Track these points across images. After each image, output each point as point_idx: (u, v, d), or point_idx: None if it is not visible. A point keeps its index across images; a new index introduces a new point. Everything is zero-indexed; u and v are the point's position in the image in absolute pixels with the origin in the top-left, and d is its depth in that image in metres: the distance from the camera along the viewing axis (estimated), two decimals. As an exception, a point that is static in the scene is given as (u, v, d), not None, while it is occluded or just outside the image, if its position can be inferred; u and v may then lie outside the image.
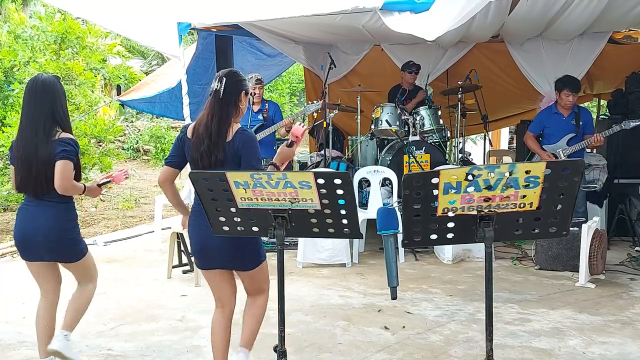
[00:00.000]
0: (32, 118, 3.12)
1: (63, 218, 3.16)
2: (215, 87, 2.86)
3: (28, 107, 3.15)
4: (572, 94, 5.60)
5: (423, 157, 6.29)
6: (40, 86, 3.13)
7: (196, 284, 4.96)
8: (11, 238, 6.96)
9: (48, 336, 3.22)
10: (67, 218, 3.18)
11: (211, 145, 2.80)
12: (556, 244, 5.21)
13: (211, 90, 2.88)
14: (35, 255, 3.17)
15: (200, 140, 2.82)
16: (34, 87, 3.14)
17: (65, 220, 3.17)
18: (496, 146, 12.22)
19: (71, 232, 3.19)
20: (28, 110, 3.15)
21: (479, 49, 7.51)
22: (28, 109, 3.15)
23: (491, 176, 2.03)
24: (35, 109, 3.13)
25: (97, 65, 8.21)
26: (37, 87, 3.13)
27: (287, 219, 2.28)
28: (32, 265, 3.21)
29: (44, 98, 3.13)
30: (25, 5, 14.17)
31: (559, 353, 3.56)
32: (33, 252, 3.17)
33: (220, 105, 2.85)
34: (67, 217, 3.19)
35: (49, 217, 3.12)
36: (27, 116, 3.15)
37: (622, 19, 6.14)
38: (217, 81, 2.88)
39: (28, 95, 3.14)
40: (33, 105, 3.13)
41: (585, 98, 8.86)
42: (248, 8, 5.85)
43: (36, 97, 3.13)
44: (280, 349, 2.34)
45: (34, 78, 3.21)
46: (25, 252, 3.20)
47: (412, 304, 4.46)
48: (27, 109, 3.15)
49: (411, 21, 5.20)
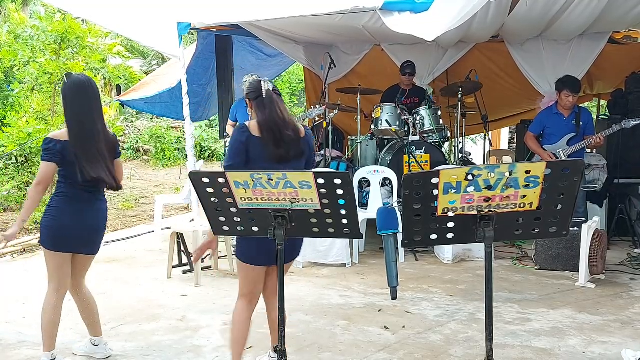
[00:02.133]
0: (92, 115, 3.23)
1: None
2: (267, 87, 2.98)
3: (84, 104, 3.22)
4: (572, 94, 5.60)
5: (423, 157, 6.29)
6: (90, 84, 3.26)
7: (196, 284, 4.96)
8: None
9: (56, 330, 3.33)
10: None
11: (295, 138, 2.94)
12: (556, 244, 5.21)
13: (263, 90, 2.97)
14: (83, 248, 3.33)
15: (280, 135, 2.90)
16: (84, 85, 3.23)
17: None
18: (496, 146, 12.22)
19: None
20: (86, 108, 3.22)
21: (479, 49, 7.51)
22: (84, 106, 3.22)
23: (491, 176, 2.03)
24: (94, 106, 3.25)
25: (97, 65, 8.21)
26: (89, 85, 3.25)
27: (287, 219, 2.28)
28: (66, 256, 3.28)
29: (96, 96, 3.28)
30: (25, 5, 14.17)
31: (559, 353, 3.56)
32: (85, 244, 3.32)
33: (281, 101, 3.01)
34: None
35: (105, 210, 3.40)
36: (85, 113, 3.22)
37: (622, 19, 6.14)
38: (264, 82, 3.00)
39: (77, 95, 3.21)
40: (89, 103, 3.24)
41: (585, 98, 8.86)
42: (248, 8, 5.85)
43: (89, 94, 3.24)
44: (280, 349, 2.34)
45: (78, 76, 3.29)
46: (78, 245, 3.28)
47: (412, 303, 4.46)
48: (83, 106, 3.22)
49: (411, 21, 5.20)
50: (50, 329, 3.31)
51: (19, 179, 7.77)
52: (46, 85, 8.04)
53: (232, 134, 3.03)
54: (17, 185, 7.75)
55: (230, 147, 2.98)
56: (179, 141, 14.56)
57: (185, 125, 6.16)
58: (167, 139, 14.53)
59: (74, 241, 3.27)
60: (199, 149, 15.19)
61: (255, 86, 3.03)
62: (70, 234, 3.23)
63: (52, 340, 3.32)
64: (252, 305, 3.10)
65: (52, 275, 3.31)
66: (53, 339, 3.33)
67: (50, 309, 3.30)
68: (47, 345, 3.32)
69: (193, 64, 6.92)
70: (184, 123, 6.34)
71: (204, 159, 14.86)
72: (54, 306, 3.31)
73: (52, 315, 3.30)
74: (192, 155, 5.96)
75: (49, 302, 3.31)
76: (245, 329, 3.08)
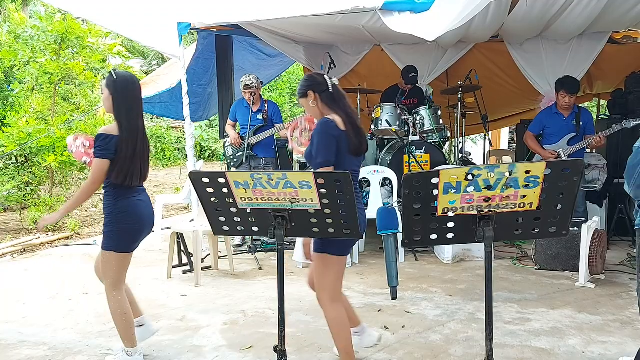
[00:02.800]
0: (137, 112, 3.26)
1: None
2: (334, 81, 3.04)
3: (132, 101, 3.24)
4: (568, 95, 5.60)
5: (423, 157, 6.30)
6: (134, 80, 3.29)
7: (196, 284, 4.97)
8: (11, 238, 6.98)
9: (132, 327, 3.38)
10: None
11: (364, 131, 3.06)
12: (556, 244, 5.21)
13: (329, 84, 3.02)
14: (143, 239, 3.40)
15: (358, 128, 2.99)
16: (131, 81, 3.26)
17: None
18: (496, 146, 12.23)
19: None
20: (135, 104, 3.25)
21: (479, 49, 7.51)
22: (133, 103, 3.24)
23: (491, 176, 2.03)
24: (139, 103, 3.28)
25: (97, 65, 8.22)
26: (134, 81, 3.27)
27: (287, 219, 2.28)
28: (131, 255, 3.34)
29: (141, 93, 3.31)
30: (25, 5, 14.17)
31: (558, 352, 3.56)
32: (146, 236, 3.39)
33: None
34: None
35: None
36: (134, 110, 3.24)
37: (622, 19, 6.14)
38: (329, 80, 3.04)
39: (127, 90, 3.22)
40: (136, 100, 3.26)
41: (585, 98, 8.87)
42: (248, 8, 5.85)
43: (136, 91, 3.27)
44: (280, 349, 2.35)
45: (124, 73, 3.30)
46: (139, 241, 3.36)
47: (412, 303, 4.46)
48: (132, 102, 3.24)
49: (411, 21, 5.20)
50: (125, 327, 3.31)
51: (19, 179, 7.77)
52: (46, 85, 8.04)
53: (320, 130, 2.92)
54: (17, 185, 7.75)
55: (323, 144, 2.88)
56: (179, 141, 14.57)
57: (185, 125, 6.16)
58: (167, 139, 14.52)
59: (144, 237, 3.36)
60: (199, 149, 15.20)
61: (318, 80, 3.03)
62: (145, 233, 3.34)
63: (133, 337, 3.34)
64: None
65: (115, 274, 3.28)
66: (133, 336, 3.34)
67: (119, 308, 3.29)
68: (130, 341, 3.34)
69: (193, 64, 6.92)
70: (184, 123, 6.34)
71: (204, 159, 14.87)
72: (121, 304, 3.30)
73: (123, 317, 3.30)
74: (192, 155, 5.96)
75: (115, 303, 3.28)
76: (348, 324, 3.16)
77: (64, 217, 5.27)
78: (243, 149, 6.29)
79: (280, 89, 16.33)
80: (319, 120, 2.98)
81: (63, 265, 5.84)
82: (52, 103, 8.15)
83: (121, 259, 3.26)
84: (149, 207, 3.35)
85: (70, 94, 8.79)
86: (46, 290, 4.93)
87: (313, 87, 3.02)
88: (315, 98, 3.01)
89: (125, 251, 3.26)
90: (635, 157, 2.76)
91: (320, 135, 2.89)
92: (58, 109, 8.28)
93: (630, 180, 2.80)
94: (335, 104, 2.99)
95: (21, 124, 7.46)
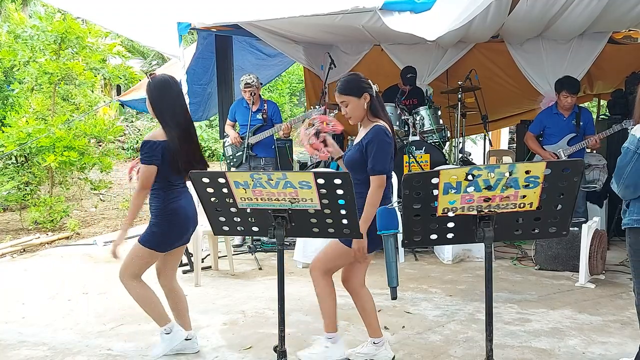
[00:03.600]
0: (180, 111, 3.32)
1: None
2: (376, 88, 3.11)
3: (171, 102, 3.30)
4: (570, 95, 5.60)
5: (423, 157, 6.29)
6: (170, 81, 3.34)
7: (196, 284, 4.96)
8: (11, 238, 6.98)
9: (160, 306, 3.45)
10: None
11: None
12: (556, 244, 5.21)
13: (374, 92, 3.10)
14: (186, 240, 3.49)
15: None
16: (166, 83, 3.32)
17: None
18: (496, 146, 12.22)
19: None
20: (176, 104, 3.32)
21: (479, 49, 7.51)
22: (172, 102, 3.30)
23: (491, 176, 2.03)
24: (181, 102, 3.37)
25: (97, 65, 8.22)
26: (170, 82, 3.33)
27: (287, 219, 2.28)
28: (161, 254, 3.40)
29: (180, 91, 3.41)
30: (25, 5, 14.18)
31: (558, 353, 3.55)
32: (188, 237, 3.49)
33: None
34: None
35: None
36: (176, 110, 3.30)
37: (622, 19, 6.14)
38: (374, 85, 3.12)
39: (165, 93, 3.30)
40: (176, 98, 3.33)
41: (585, 98, 8.86)
42: (248, 8, 5.85)
43: (174, 91, 3.34)
44: (280, 349, 2.35)
45: (160, 76, 3.41)
46: (182, 240, 3.44)
47: (412, 304, 4.46)
48: (172, 102, 3.30)
49: (411, 21, 5.20)
50: (152, 308, 3.38)
51: (18, 179, 7.77)
52: (46, 85, 8.04)
53: (381, 138, 3.01)
54: (17, 185, 7.74)
55: (385, 152, 2.99)
56: (179, 141, 14.55)
57: (185, 125, 6.15)
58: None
59: (183, 238, 3.43)
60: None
61: (370, 83, 3.12)
62: (186, 236, 3.43)
63: (163, 314, 3.42)
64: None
65: (140, 268, 3.36)
66: (163, 313, 3.42)
67: (141, 295, 3.37)
68: (162, 320, 3.43)
69: (193, 64, 6.91)
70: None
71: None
72: (142, 289, 3.37)
73: (146, 299, 3.37)
74: (192, 155, 5.94)
75: (137, 291, 3.37)
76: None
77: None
78: (243, 148, 6.29)
79: (280, 89, 16.34)
80: (374, 128, 3.05)
81: (63, 265, 5.83)
82: (52, 103, 8.15)
83: (153, 256, 3.35)
84: (193, 208, 3.41)
85: (70, 94, 8.79)
86: (46, 291, 4.93)
87: (369, 90, 3.09)
88: (369, 100, 3.07)
89: (161, 251, 3.35)
90: (624, 157, 2.80)
91: (381, 143, 2.98)
92: (58, 109, 8.28)
93: (620, 180, 2.83)
94: (382, 110, 3.12)
95: (21, 124, 7.45)
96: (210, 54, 7.21)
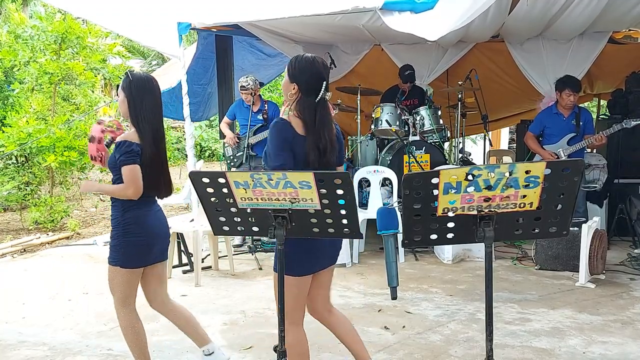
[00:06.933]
0: (158, 116, 2.98)
1: None
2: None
3: (152, 103, 2.95)
4: (573, 93, 5.61)
5: (423, 157, 6.30)
6: (152, 81, 2.99)
7: (196, 284, 4.96)
8: (11, 238, 6.98)
9: (145, 349, 3.16)
10: None
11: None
12: (556, 244, 5.21)
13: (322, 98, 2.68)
14: (164, 256, 3.15)
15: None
16: (149, 82, 2.96)
17: None
18: (496, 146, 12.23)
19: None
20: (155, 107, 2.97)
21: (479, 49, 7.51)
22: (152, 105, 2.95)
23: (491, 176, 2.03)
24: (159, 107, 3.00)
25: (97, 65, 8.22)
26: (152, 82, 2.98)
27: (287, 219, 2.28)
28: (140, 271, 3.07)
29: (160, 96, 3.02)
30: (25, 5, 14.18)
31: (559, 353, 3.56)
32: (165, 251, 3.15)
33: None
34: None
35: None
36: (155, 113, 2.96)
37: (622, 19, 6.14)
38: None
39: (145, 92, 2.93)
40: (156, 103, 2.98)
41: (585, 98, 8.87)
42: (248, 8, 5.85)
43: (156, 93, 2.97)
44: (280, 349, 2.34)
45: (141, 74, 3.02)
46: (159, 254, 3.09)
47: (412, 303, 4.46)
48: (152, 105, 2.95)
49: (412, 21, 5.20)
50: (138, 349, 3.08)
51: (19, 179, 7.77)
52: (46, 85, 8.05)
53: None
54: (17, 185, 7.75)
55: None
56: (179, 141, 14.55)
57: (185, 125, 6.17)
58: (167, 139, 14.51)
59: (158, 251, 3.07)
60: (199, 149, 15.18)
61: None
62: (157, 247, 3.04)
63: (147, 358, 3.11)
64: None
65: (123, 291, 3.05)
66: (147, 357, 3.12)
67: (130, 327, 3.07)
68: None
69: (193, 64, 6.92)
70: (184, 123, 6.34)
71: (204, 159, 14.85)
72: (132, 322, 3.09)
73: (134, 336, 3.08)
74: (192, 155, 5.96)
75: (126, 321, 3.07)
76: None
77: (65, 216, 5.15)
78: (243, 148, 6.29)
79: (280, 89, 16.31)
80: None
81: (63, 265, 5.84)
82: (52, 103, 8.15)
83: (128, 274, 2.98)
84: (161, 217, 3.07)
85: (70, 94, 8.79)
86: (46, 291, 4.93)
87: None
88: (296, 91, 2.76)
89: (132, 267, 2.98)
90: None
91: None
92: (58, 109, 8.28)
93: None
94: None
95: (21, 124, 7.46)
96: (210, 54, 7.21)
